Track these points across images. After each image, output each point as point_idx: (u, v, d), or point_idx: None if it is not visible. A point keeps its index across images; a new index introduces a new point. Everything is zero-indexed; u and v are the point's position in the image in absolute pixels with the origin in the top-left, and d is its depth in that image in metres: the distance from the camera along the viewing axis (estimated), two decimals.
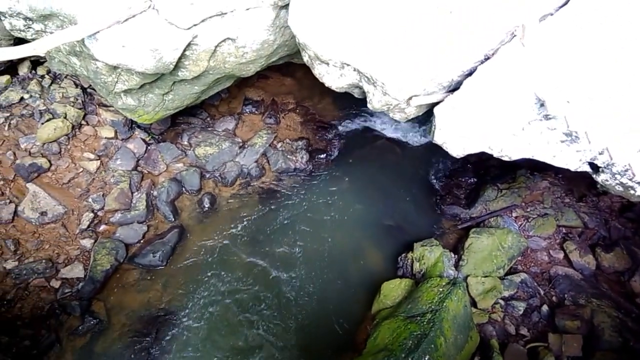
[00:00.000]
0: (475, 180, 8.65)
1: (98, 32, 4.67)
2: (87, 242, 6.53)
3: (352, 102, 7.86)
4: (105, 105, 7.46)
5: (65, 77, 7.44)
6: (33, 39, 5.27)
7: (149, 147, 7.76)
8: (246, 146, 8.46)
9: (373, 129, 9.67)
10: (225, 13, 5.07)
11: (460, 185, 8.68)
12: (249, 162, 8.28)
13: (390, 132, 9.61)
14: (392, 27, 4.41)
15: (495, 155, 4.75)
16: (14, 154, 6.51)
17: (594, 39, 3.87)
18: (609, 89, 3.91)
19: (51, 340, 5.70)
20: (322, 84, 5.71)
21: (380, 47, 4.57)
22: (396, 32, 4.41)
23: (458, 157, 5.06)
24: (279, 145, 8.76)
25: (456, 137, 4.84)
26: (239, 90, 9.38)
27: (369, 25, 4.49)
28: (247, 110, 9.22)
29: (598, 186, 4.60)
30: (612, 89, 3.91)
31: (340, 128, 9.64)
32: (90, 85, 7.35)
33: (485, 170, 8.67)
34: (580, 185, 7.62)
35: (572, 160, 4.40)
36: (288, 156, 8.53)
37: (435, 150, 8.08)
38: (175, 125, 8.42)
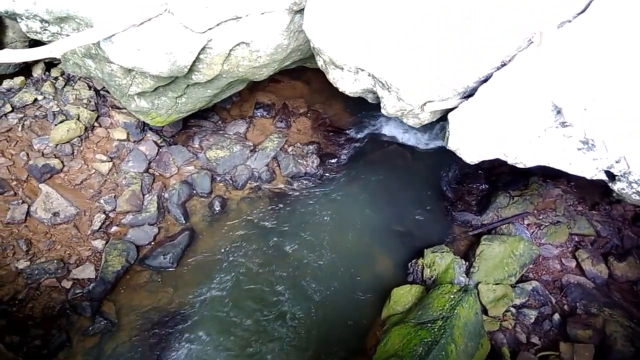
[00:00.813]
0: (487, 186, 8.58)
1: (114, 35, 4.70)
2: (98, 243, 6.56)
3: (364, 107, 7.85)
4: (118, 108, 7.50)
5: (79, 79, 7.49)
6: (49, 41, 5.32)
7: (160, 150, 7.80)
8: (257, 150, 8.48)
9: (384, 134, 9.62)
10: (240, 17, 5.07)
11: (471, 192, 8.62)
12: (260, 165, 8.29)
13: (401, 137, 9.54)
14: (404, 32, 4.40)
15: (510, 162, 4.71)
16: (27, 154, 6.56)
17: (603, 41, 3.83)
18: (619, 91, 3.88)
19: (62, 340, 5.71)
20: (334, 88, 5.71)
21: (394, 53, 4.56)
22: (408, 37, 4.40)
23: (472, 163, 5.02)
24: (290, 149, 8.77)
25: (470, 143, 4.80)
26: (251, 93, 9.40)
27: (383, 31, 4.48)
28: (258, 113, 9.24)
29: (613, 195, 4.55)
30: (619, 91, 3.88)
31: (351, 133, 9.62)
32: (104, 88, 7.41)
33: (497, 176, 8.60)
34: (593, 193, 7.56)
35: (588, 168, 4.35)
36: (299, 160, 8.53)
37: (446, 156, 8.06)
38: (186, 128, 8.46)
